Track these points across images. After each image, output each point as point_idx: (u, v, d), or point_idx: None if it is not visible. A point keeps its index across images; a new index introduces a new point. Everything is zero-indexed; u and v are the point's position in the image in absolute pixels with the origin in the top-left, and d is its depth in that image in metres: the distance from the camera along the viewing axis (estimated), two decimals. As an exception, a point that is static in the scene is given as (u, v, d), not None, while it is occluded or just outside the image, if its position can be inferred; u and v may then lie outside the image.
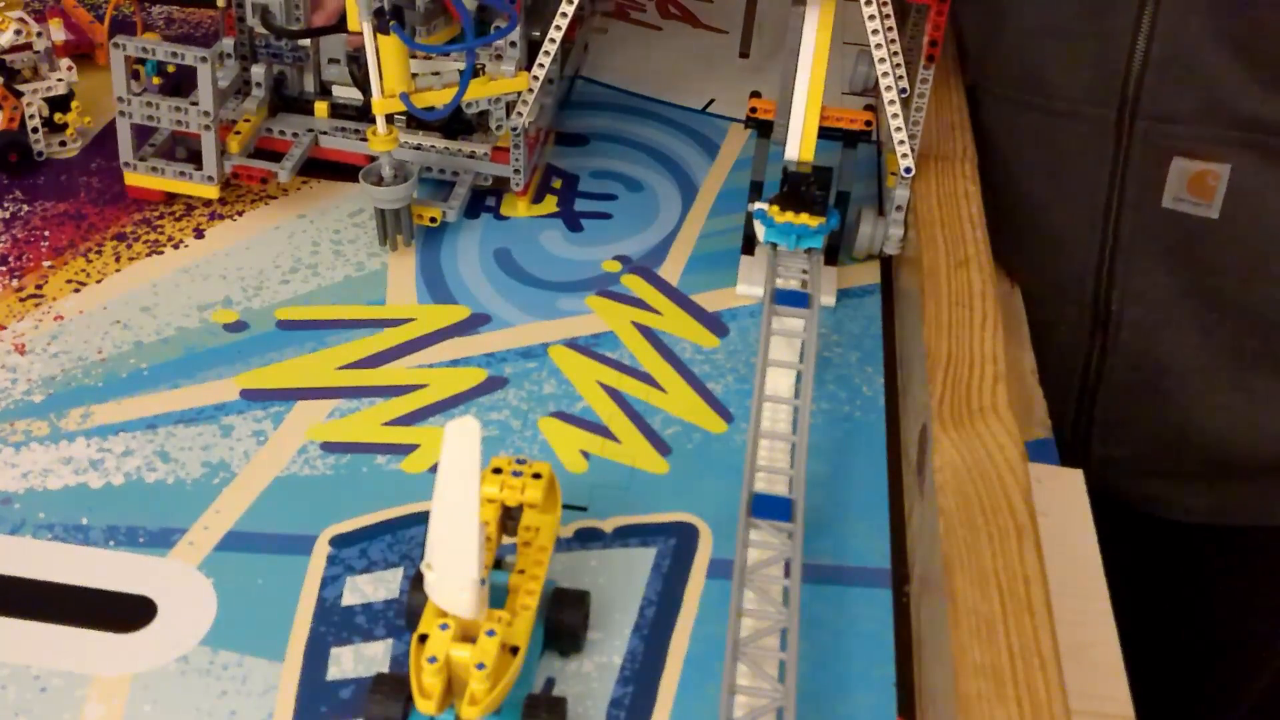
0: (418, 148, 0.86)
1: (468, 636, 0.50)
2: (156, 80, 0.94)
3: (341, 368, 0.73)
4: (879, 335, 0.78)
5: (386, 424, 0.69)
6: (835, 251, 0.82)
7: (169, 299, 0.77)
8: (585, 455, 0.68)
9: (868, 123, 0.82)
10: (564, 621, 0.56)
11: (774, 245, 0.78)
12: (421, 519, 0.62)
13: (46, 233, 0.82)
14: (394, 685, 0.51)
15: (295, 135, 0.87)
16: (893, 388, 0.74)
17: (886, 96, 0.76)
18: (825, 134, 0.77)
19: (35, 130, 0.88)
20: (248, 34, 0.87)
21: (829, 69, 0.76)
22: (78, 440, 0.67)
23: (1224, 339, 0.83)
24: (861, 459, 0.69)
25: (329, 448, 0.67)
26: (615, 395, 0.72)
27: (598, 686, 0.55)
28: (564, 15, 0.79)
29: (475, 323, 0.77)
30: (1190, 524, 0.90)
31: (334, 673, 0.55)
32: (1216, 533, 0.90)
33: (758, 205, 0.79)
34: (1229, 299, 0.82)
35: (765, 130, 0.81)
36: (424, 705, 0.49)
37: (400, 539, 0.62)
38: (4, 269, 0.78)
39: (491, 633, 0.50)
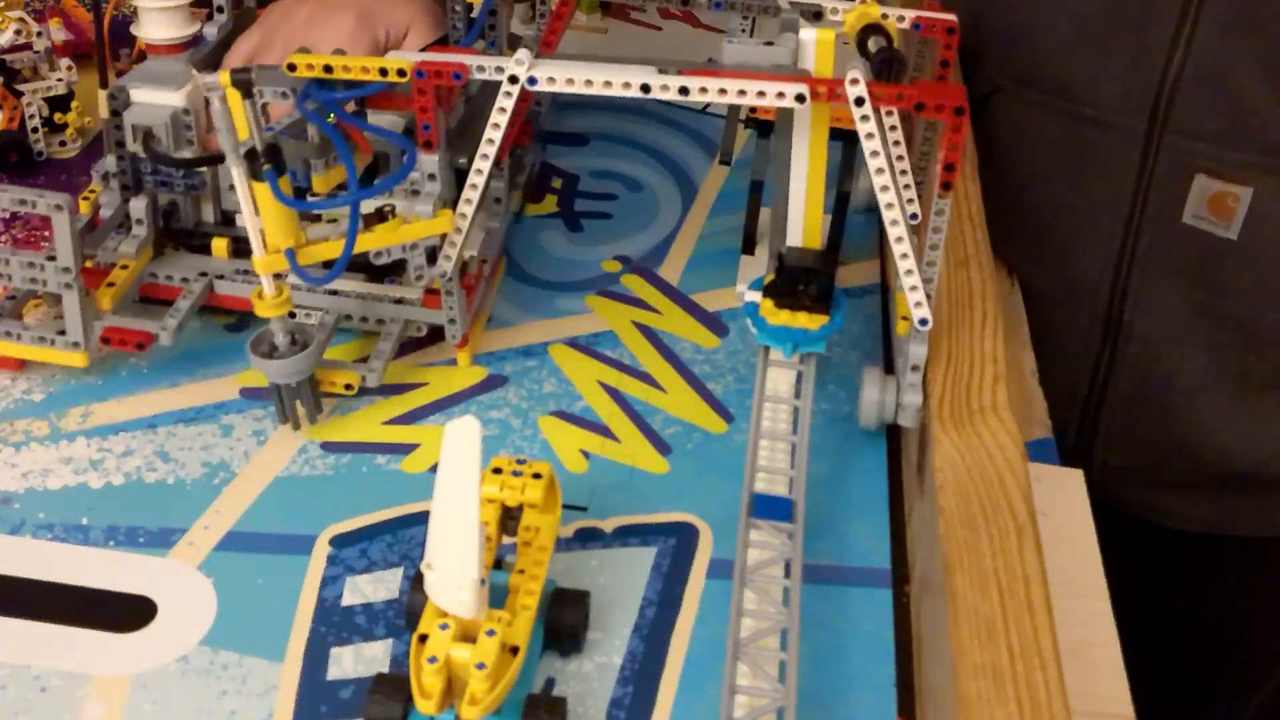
0: (334, 293, 0.71)
1: (468, 636, 0.50)
2: None
3: (341, 367, 0.73)
4: (879, 335, 0.78)
5: (386, 423, 0.69)
6: (835, 251, 0.82)
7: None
8: (585, 455, 0.68)
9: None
10: (564, 621, 0.56)
11: (774, 246, 0.78)
12: (421, 519, 0.62)
13: (46, 233, 0.81)
14: (394, 685, 0.51)
15: (185, 281, 0.72)
16: (893, 388, 0.74)
17: (892, 231, 0.63)
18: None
19: (35, 130, 0.88)
20: (129, 158, 0.72)
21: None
22: (78, 440, 0.67)
23: (1232, 360, 0.83)
24: (861, 459, 0.68)
25: (329, 447, 0.67)
26: (615, 395, 0.72)
27: (598, 686, 0.55)
28: (490, 142, 0.65)
29: (475, 323, 0.77)
30: (1191, 533, 0.90)
31: (334, 673, 0.55)
32: (1218, 542, 0.90)
33: (748, 297, 0.69)
34: (1240, 321, 0.82)
35: (765, 130, 0.81)
36: (424, 705, 0.49)
37: (400, 539, 0.62)
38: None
39: (491, 633, 0.50)
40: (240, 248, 0.73)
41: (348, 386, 0.69)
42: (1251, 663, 0.95)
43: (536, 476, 0.55)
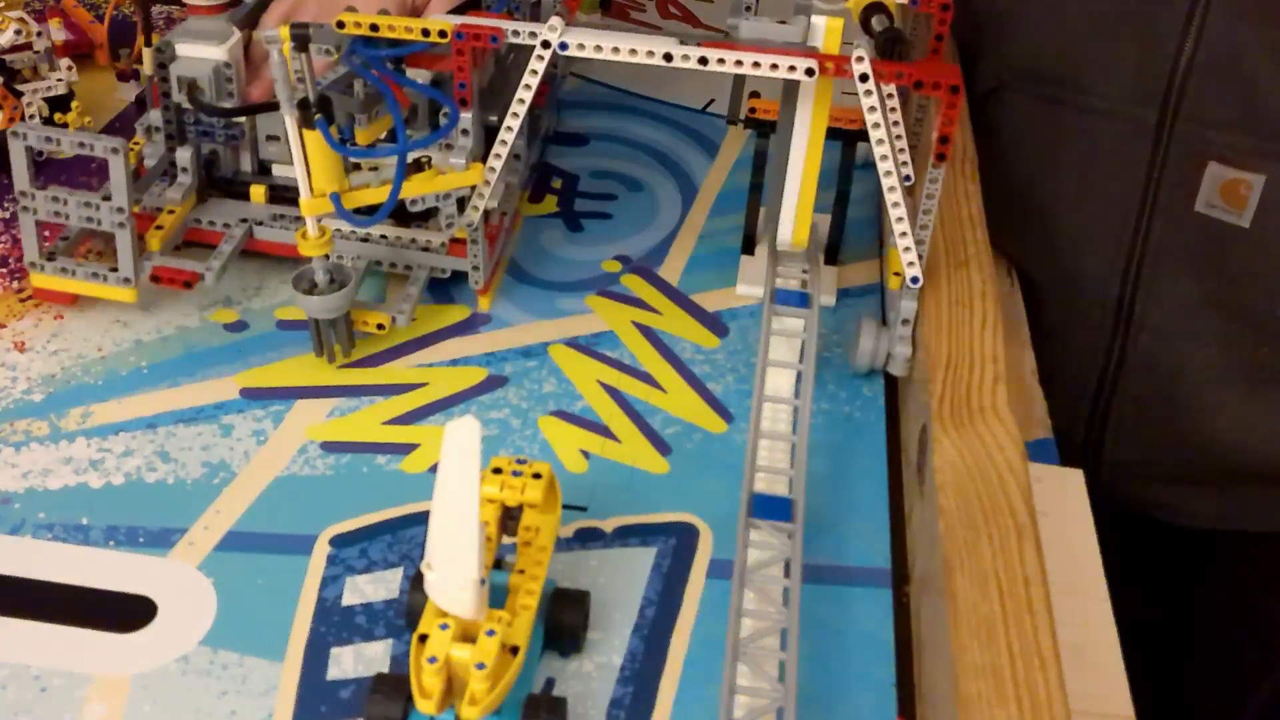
0: (365, 239, 0.77)
1: (468, 636, 0.50)
2: None
3: (341, 366, 0.73)
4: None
5: (386, 423, 0.69)
6: (835, 251, 0.82)
7: (169, 298, 0.77)
8: (585, 455, 0.68)
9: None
10: (564, 621, 0.56)
11: (773, 245, 0.78)
12: (421, 519, 0.62)
13: (47, 233, 0.81)
14: (394, 685, 0.51)
15: (227, 226, 0.78)
16: (893, 388, 0.74)
17: (889, 195, 0.68)
18: (826, 134, 0.77)
19: (35, 130, 0.88)
20: (174, 110, 0.77)
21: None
22: (78, 440, 0.67)
23: (1244, 351, 0.83)
24: (861, 459, 0.69)
25: (329, 447, 0.67)
26: (615, 395, 0.72)
27: (598, 686, 0.55)
28: (521, 101, 0.70)
29: (475, 322, 0.77)
30: (1196, 530, 0.90)
31: (334, 673, 0.55)
32: (1222, 538, 0.90)
33: None
34: (1252, 311, 0.82)
35: (765, 130, 0.81)
36: (424, 705, 0.49)
37: (400, 539, 0.62)
38: (4, 270, 0.78)
39: (491, 633, 0.50)
40: (276, 194, 0.78)
41: (379, 326, 0.73)
42: (1253, 660, 0.95)
43: (536, 476, 0.55)
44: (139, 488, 0.64)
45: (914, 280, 0.70)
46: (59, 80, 0.89)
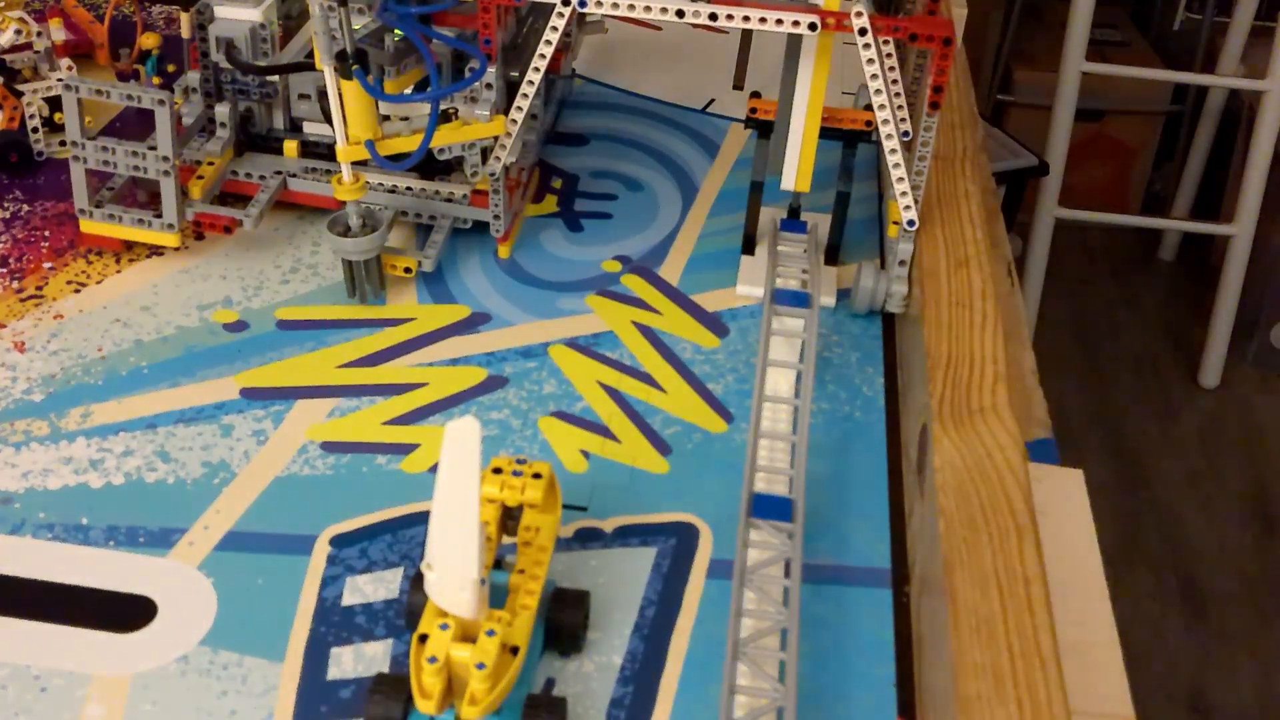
0: (392, 190, 0.81)
1: (468, 636, 0.50)
2: (156, 81, 0.94)
3: (341, 366, 0.73)
4: (879, 335, 0.78)
5: (386, 423, 0.69)
6: (835, 251, 0.82)
7: (169, 298, 0.77)
8: (585, 455, 0.68)
9: (868, 123, 0.82)
10: (564, 621, 0.56)
11: (774, 244, 0.78)
12: (421, 519, 0.62)
13: (46, 233, 0.82)
14: (394, 685, 0.51)
15: (263, 178, 0.82)
16: (893, 388, 0.74)
17: (887, 144, 0.72)
18: (825, 134, 0.77)
19: (35, 130, 0.88)
20: (212, 69, 0.81)
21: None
22: (78, 440, 0.67)
23: None
24: (861, 459, 0.68)
25: (329, 447, 0.67)
26: (615, 395, 0.72)
27: (598, 686, 0.55)
28: (542, 56, 0.74)
29: (475, 322, 0.77)
30: None
31: (334, 673, 0.55)
32: None
33: None
34: None
35: (765, 130, 0.81)
36: (424, 705, 0.49)
37: (400, 539, 0.62)
38: (4, 270, 0.78)
39: (491, 633, 0.50)
40: (308, 150, 0.83)
41: (406, 270, 0.78)
42: None
43: (536, 476, 0.55)
44: (139, 488, 0.64)
45: (910, 224, 0.74)
46: (59, 80, 0.89)
